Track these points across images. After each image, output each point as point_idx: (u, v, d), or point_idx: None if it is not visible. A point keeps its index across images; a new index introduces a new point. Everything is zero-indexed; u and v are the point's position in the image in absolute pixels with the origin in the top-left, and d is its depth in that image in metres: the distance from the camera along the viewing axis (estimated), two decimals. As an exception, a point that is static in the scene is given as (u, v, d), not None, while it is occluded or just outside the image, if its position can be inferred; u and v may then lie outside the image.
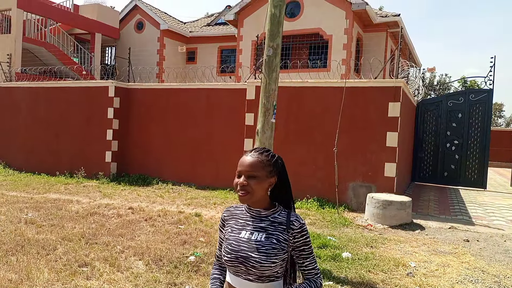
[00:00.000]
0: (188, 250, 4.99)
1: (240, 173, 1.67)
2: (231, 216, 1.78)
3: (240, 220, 1.74)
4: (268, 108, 4.75)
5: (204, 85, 10.07)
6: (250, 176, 1.65)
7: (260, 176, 1.65)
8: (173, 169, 10.24)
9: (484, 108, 11.10)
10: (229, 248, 1.67)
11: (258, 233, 1.66)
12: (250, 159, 1.68)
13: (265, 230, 1.66)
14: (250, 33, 15.14)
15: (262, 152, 1.71)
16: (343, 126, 7.82)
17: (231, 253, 1.65)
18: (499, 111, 44.08)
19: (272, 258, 1.60)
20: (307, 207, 7.85)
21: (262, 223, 1.68)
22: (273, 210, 1.71)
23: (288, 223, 1.66)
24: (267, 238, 1.64)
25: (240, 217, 1.75)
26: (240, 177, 1.66)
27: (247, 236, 1.66)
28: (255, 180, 1.65)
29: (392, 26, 15.13)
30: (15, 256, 4.56)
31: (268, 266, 1.59)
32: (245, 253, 1.62)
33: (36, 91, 11.68)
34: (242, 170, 1.67)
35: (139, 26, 19.72)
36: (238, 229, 1.71)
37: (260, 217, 1.70)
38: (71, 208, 7.10)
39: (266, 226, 1.67)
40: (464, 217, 7.51)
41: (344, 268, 4.49)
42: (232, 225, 1.74)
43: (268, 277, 1.62)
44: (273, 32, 4.70)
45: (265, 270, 1.59)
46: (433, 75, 36.26)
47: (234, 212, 1.79)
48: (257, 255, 1.60)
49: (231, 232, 1.72)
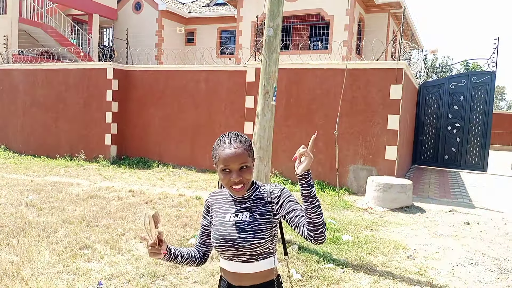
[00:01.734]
0: (189, 232, 5.00)
1: (230, 168, 1.57)
2: (215, 201, 1.74)
3: (224, 205, 1.71)
4: (268, 90, 4.68)
5: (203, 67, 9.94)
6: (242, 167, 1.58)
7: (249, 164, 1.61)
8: (173, 152, 10.22)
9: (486, 91, 10.99)
10: (217, 233, 1.64)
11: (243, 214, 1.64)
12: (235, 150, 1.57)
13: (249, 209, 1.65)
14: (250, 14, 14.87)
15: (240, 139, 1.61)
16: (344, 108, 7.75)
17: (219, 238, 1.62)
18: (501, 94, 43.83)
19: (259, 234, 1.59)
20: (307, 190, 7.85)
21: (245, 204, 1.66)
22: (253, 188, 1.69)
23: (269, 194, 1.65)
24: (251, 215, 1.63)
25: (224, 201, 1.72)
26: (230, 172, 1.57)
27: (232, 218, 1.64)
28: (247, 169, 1.59)
29: (395, 7, 14.85)
30: (16, 238, 4.57)
31: (258, 243, 1.58)
32: (232, 236, 1.60)
33: (34, 73, 11.55)
34: (231, 165, 1.57)
35: (137, 6, 19.38)
36: (223, 213, 1.68)
37: (243, 198, 1.67)
38: (71, 191, 7.10)
39: (250, 205, 1.66)
40: (464, 200, 7.52)
41: (345, 251, 4.50)
42: (217, 210, 1.71)
43: (261, 255, 1.61)
44: (273, 11, 4.59)
45: (255, 248, 1.58)
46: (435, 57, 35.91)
47: (218, 197, 1.75)
48: (244, 235, 1.59)
49: (217, 217, 1.69)
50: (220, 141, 1.62)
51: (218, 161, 1.60)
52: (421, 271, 4.06)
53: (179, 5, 20.72)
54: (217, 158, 1.61)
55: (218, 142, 1.64)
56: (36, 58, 12.68)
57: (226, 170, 1.58)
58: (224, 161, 1.57)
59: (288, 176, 8.43)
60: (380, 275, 3.91)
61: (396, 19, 15.79)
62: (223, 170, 1.59)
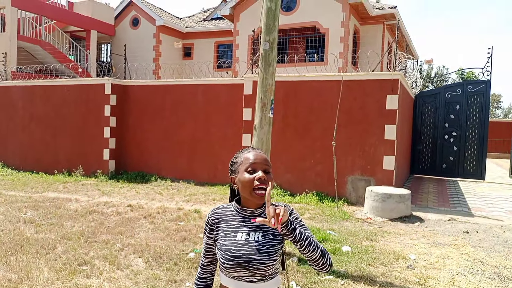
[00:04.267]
0: (188, 246, 4.99)
1: (255, 168, 1.57)
2: (220, 219, 1.67)
3: (232, 222, 1.65)
4: (265, 103, 4.72)
5: (201, 80, 10.02)
6: (266, 171, 1.59)
7: (271, 172, 1.62)
8: (172, 165, 10.22)
9: (482, 99, 11.08)
10: (228, 254, 1.58)
11: (255, 233, 1.60)
12: (261, 154, 1.61)
13: (261, 228, 1.62)
14: (246, 28, 15.05)
15: (258, 150, 1.67)
16: (341, 119, 7.80)
17: (232, 259, 1.56)
18: (497, 102, 44.11)
19: (273, 256, 1.58)
20: (306, 201, 7.85)
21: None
22: (264, 206, 1.65)
23: None
24: (264, 235, 1.60)
25: (231, 218, 1.66)
26: (256, 172, 1.57)
27: (244, 238, 1.59)
28: (269, 175, 1.60)
29: (389, 18, 15.05)
30: (15, 255, 4.54)
31: (272, 265, 1.57)
32: (247, 257, 1.55)
33: (32, 89, 11.61)
34: (258, 164, 1.57)
35: (134, 22, 19.59)
36: (233, 232, 1.62)
37: (254, 216, 1.63)
38: (69, 206, 7.08)
39: (261, 224, 1.62)
40: (463, 209, 7.53)
41: (344, 262, 4.49)
42: (224, 228, 1.64)
43: (270, 275, 1.60)
44: (269, 26, 4.66)
45: (269, 269, 1.57)
46: (431, 67, 36.22)
47: (223, 214, 1.68)
48: (259, 257, 1.55)
49: (225, 236, 1.62)
50: (241, 151, 1.67)
51: (242, 164, 1.60)
52: (421, 281, 4.05)
53: (176, 20, 20.95)
54: (240, 162, 1.61)
55: (238, 153, 1.67)
56: (34, 75, 12.77)
57: (251, 170, 1.57)
58: (249, 161, 1.58)
59: (287, 188, 8.44)
60: (380, 286, 3.90)
61: (391, 30, 15.99)
62: (247, 171, 1.57)
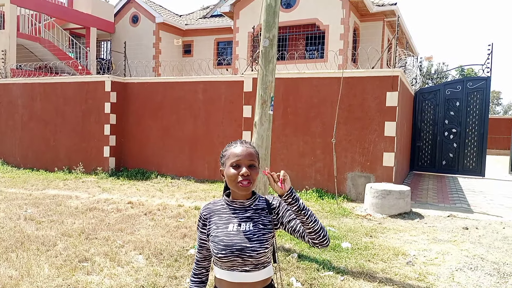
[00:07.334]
0: (188, 243, 5.00)
1: (240, 163, 1.64)
2: (212, 213, 1.73)
3: (223, 215, 1.71)
4: (265, 100, 4.73)
5: (201, 78, 10.01)
6: (250, 165, 1.65)
7: (257, 166, 1.68)
8: (172, 162, 10.23)
9: (482, 96, 11.08)
10: (221, 244, 1.63)
11: (246, 223, 1.67)
12: (247, 149, 1.67)
13: (251, 219, 1.68)
14: (246, 25, 15.02)
15: (249, 143, 1.72)
16: (341, 116, 7.80)
17: (225, 249, 1.61)
18: (497, 99, 44.09)
19: (264, 243, 1.64)
20: (306, 198, 7.87)
21: (246, 213, 1.69)
22: (253, 198, 1.73)
23: (269, 206, 1.71)
24: (255, 225, 1.67)
25: (222, 212, 1.72)
26: (240, 167, 1.63)
27: (236, 228, 1.66)
28: (255, 169, 1.66)
29: (389, 15, 15.02)
30: (15, 252, 4.56)
31: (264, 252, 1.63)
32: (239, 245, 1.61)
33: (32, 87, 11.61)
34: (242, 160, 1.64)
35: (134, 19, 19.55)
36: (224, 224, 1.68)
37: (244, 207, 1.71)
38: (70, 203, 7.10)
39: (251, 215, 1.69)
40: (463, 205, 7.54)
41: (344, 258, 4.51)
42: (216, 221, 1.70)
43: (263, 264, 1.65)
44: (269, 22, 4.66)
45: (261, 257, 1.62)
46: (431, 63, 36.18)
47: (215, 209, 1.74)
48: (251, 244, 1.61)
49: (217, 228, 1.68)
50: (230, 144, 1.72)
51: (228, 159, 1.67)
52: (420, 277, 4.07)
53: (176, 17, 20.90)
54: (227, 156, 1.68)
55: (227, 146, 1.73)
56: (34, 72, 12.76)
57: (236, 165, 1.64)
58: (235, 156, 1.65)
59: (287, 185, 8.44)
60: (380, 282, 3.92)
61: (390, 27, 15.96)
62: (232, 166, 1.64)
